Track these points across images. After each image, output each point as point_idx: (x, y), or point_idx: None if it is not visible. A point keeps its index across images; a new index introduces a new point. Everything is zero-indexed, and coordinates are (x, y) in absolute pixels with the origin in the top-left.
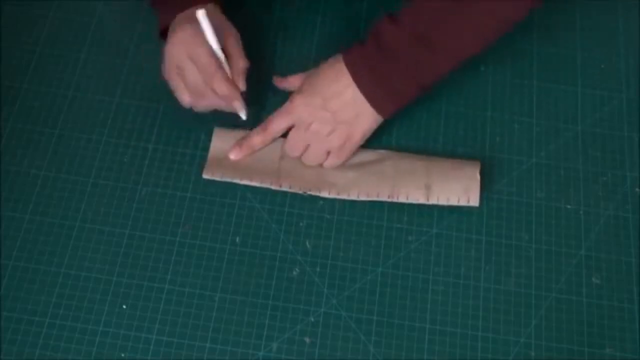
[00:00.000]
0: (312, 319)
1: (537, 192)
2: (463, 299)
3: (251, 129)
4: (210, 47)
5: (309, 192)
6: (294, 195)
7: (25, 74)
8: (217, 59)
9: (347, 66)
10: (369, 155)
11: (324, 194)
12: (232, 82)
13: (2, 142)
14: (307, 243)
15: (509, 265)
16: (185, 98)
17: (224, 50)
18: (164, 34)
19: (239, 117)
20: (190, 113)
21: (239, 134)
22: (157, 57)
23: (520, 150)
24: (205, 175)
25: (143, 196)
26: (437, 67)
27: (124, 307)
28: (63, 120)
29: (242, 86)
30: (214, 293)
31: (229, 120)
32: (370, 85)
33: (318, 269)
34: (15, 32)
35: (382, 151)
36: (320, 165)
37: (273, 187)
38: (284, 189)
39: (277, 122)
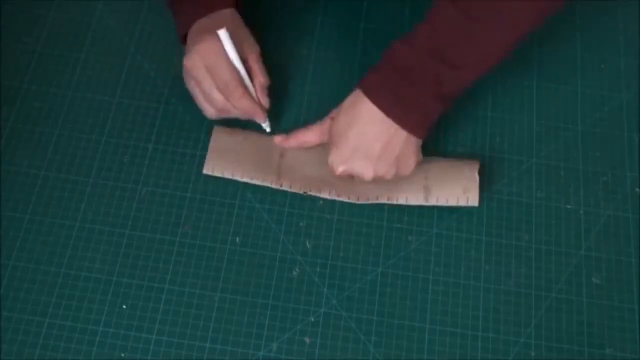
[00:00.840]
0: (312, 319)
1: (537, 192)
2: (463, 299)
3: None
4: (229, 62)
5: (309, 193)
6: (294, 195)
7: (26, 74)
8: (236, 73)
9: (369, 96)
10: None
11: (324, 195)
12: (252, 99)
13: (2, 142)
14: (307, 243)
15: (508, 266)
16: (209, 113)
17: (246, 67)
18: (184, 40)
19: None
20: (190, 113)
21: (238, 131)
22: (157, 57)
23: (520, 150)
24: (205, 171)
25: (143, 196)
26: (460, 81)
27: (124, 307)
28: (63, 120)
29: (266, 103)
30: (214, 293)
31: (229, 119)
32: (395, 108)
33: (318, 269)
34: (15, 32)
35: None
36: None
37: (273, 186)
38: (284, 188)
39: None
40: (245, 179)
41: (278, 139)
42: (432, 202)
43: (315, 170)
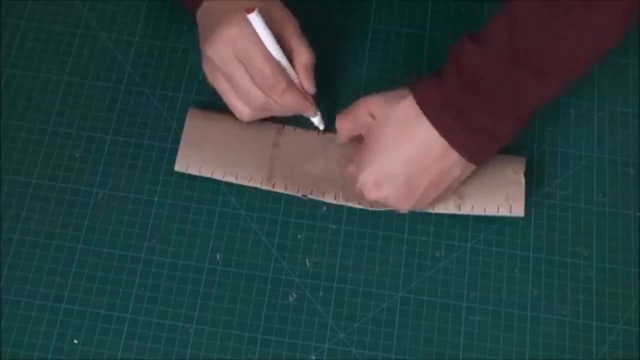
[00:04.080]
0: (314, 358)
1: (599, 196)
2: (505, 332)
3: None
4: (265, 48)
5: (309, 196)
6: (291, 198)
7: None
8: (275, 62)
9: (428, 115)
10: None
11: (329, 199)
12: (298, 90)
13: None
14: (307, 261)
15: (563, 289)
16: (244, 114)
17: (282, 44)
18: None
19: (220, 98)
20: (158, 96)
21: (219, 116)
22: (118, 25)
23: (578, 143)
24: (177, 169)
25: (99, 201)
26: (542, 94)
27: (75, 341)
28: None
29: (311, 88)
30: (189, 325)
31: (207, 97)
32: (461, 134)
33: (321, 294)
34: None
35: None
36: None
37: (263, 188)
38: (278, 190)
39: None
40: (228, 179)
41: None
42: (466, 211)
43: (318, 166)
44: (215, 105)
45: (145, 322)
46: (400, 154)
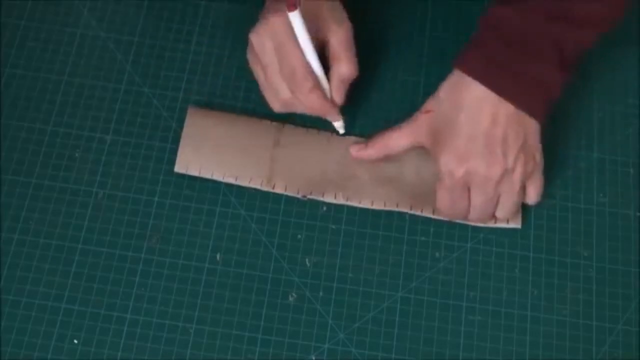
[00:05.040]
0: (314, 358)
1: (598, 196)
2: (505, 332)
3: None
4: (299, 45)
5: (309, 196)
6: (290, 199)
7: None
8: (305, 61)
9: (477, 78)
10: None
11: (329, 199)
12: (323, 95)
13: None
14: (307, 261)
15: (563, 289)
16: (273, 105)
17: (328, 49)
18: None
19: (216, 95)
20: (158, 96)
21: (220, 115)
22: (117, 24)
23: (577, 142)
24: (177, 169)
25: (99, 201)
26: (583, 41)
27: (75, 341)
28: None
29: (340, 99)
30: (189, 324)
31: (207, 97)
32: (508, 84)
33: (321, 294)
34: None
35: None
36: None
37: (263, 188)
38: (278, 190)
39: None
40: (228, 179)
41: (354, 149)
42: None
43: (318, 166)
44: (215, 105)
45: (145, 322)
46: (463, 116)
